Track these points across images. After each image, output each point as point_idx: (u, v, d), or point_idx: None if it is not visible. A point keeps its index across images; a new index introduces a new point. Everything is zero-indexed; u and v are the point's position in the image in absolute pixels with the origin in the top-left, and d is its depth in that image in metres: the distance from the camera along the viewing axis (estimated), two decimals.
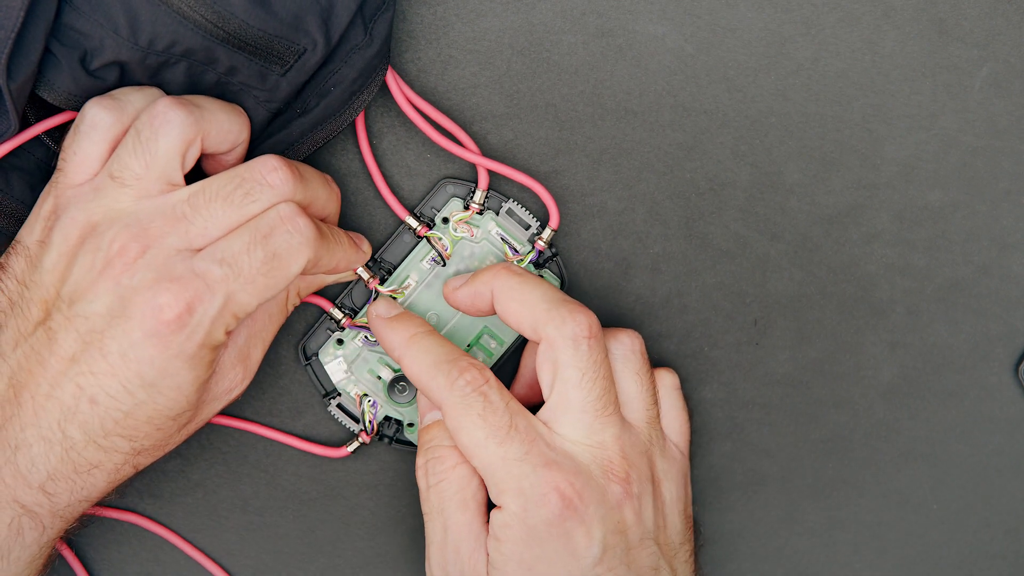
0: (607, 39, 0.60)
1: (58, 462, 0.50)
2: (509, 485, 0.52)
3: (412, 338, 0.55)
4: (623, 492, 0.53)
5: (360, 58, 0.55)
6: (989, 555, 0.65)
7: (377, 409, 0.61)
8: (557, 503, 0.52)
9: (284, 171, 0.51)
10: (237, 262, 0.50)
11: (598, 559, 0.52)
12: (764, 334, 0.63)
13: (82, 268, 0.50)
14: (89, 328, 0.49)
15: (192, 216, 0.50)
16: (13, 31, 0.50)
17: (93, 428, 0.50)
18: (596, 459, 0.53)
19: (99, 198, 0.50)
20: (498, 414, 0.52)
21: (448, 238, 0.60)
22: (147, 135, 0.50)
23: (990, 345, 0.63)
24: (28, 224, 0.52)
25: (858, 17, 0.61)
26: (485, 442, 0.52)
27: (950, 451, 0.64)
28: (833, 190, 0.62)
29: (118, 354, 0.49)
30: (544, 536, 0.52)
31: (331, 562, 0.63)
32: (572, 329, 0.53)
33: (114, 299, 0.49)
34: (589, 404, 0.53)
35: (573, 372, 0.53)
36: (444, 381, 0.53)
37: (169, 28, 0.51)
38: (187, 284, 0.49)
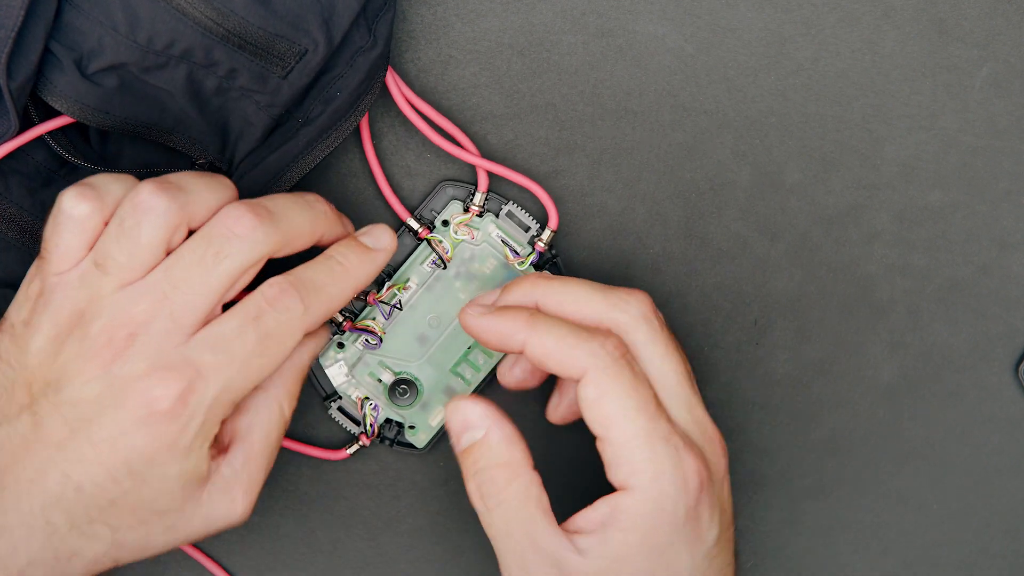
0: (607, 39, 0.60)
1: (39, 549, 0.49)
2: (648, 467, 0.49)
3: (533, 316, 0.52)
4: (726, 466, 0.52)
5: (365, 61, 0.55)
6: (989, 555, 0.65)
7: (378, 412, 0.61)
8: (695, 488, 0.50)
9: (248, 217, 0.50)
10: (229, 347, 0.49)
11: (716, 540, 0.51)
12: (764, 334, 0.63)
13: (69, 355, 0.49)
14: (77, 415, 0.48)
15: (173, 293, 0.49)
16: (13, 30, 0.50)
17: (77, 515, 0.49)
18: (703, 434, 0.52)
19: (84, 286, 0.49)
20: (644, 386, 0.50)
21: (448, 241, 0.60)
22: (130, 224, 0.49)
23: (990, 345, 0.63)
24: (16, 301, 0.51)
25: (858, 17, 0.61)
26: (635, 414, 0.50)
27: (950, 451, 0.64)
28: (833, 190, 0.62)
29: (107, 442, 0.48)
30: (678, 522, 0.50)
31: (331, 562, 0.63)
32: (637, 309, 0.52)
33: (104, 387, 0.48)
34: (682, 378, 0.51)
35: (658, 349, 0.51)
36: (592, 345, 0.50)
37: (168, 25, 0.51)
38: (181, 373, 0.48)
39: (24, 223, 0.54)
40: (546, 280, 0.54)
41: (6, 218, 0.54)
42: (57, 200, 0.50)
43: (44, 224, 0.50)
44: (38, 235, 0.55)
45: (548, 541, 0.51)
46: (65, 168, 0.55)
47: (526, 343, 0.51)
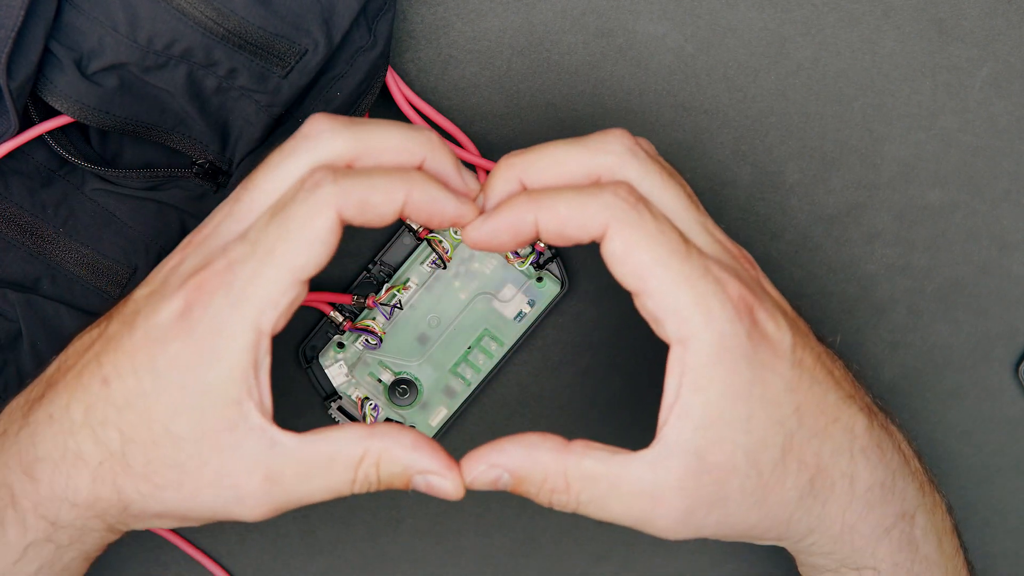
0: (607, 39, 0.60)
1: (50, 440, 0.47)
2: (697, 310, 0.45)
3: (531, 194, 0.47)
4: (758, 275, 0.50)
5: (365, 60, 0.55)
6: (989, 555, 0.65)
7: (378, 412, 0.61)
8: (747, 310, 0.46)
9: (320, 120, 0.46)
10: (258, 238, 0.45)
11: (793, 344, 0.48)
12: None
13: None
14: (132, 309, 0.47)
15: (241, 195, 0.46)
16: (13, 30, 0.50)
17: (95, 411, 0.46)
18: (728, 253, 0.49)
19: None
20: (668, 227, 0.46)
21: (448, 241, 0.60)
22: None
23: (990, 345, 0.63)
24: None
25: (858, 17, 0.61)
26: (668, 258, 0.45)
27: (950, 451, 0.64)
28: (833, 190, 0.62)
29: (141, 334, 0.45)
30: (748, 350, 0.46)
31: (331, 562, 0.63)
32: (617, 146, 0.47)
33: (160, 283, 0.47)
34: (684, 203, 0.48)
35: (655, 181, 0.48)
36: (605, 197, 0.46)
37: (168, 25, 0.51)
38: (214, 266, 0.45)
39: (24, 223, 0.54)
40: (519, 157, 0.48)
41: (6, 218, 0.54)
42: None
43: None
44: (38, 234, 0.55)
45: (639, 479, 0.46)
46: (65, 168, 0.55)
47: (538, 222, 0.46)
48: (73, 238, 0.55)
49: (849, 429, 0.49)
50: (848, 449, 0.49)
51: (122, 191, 0.56)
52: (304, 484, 0.47)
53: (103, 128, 0.53)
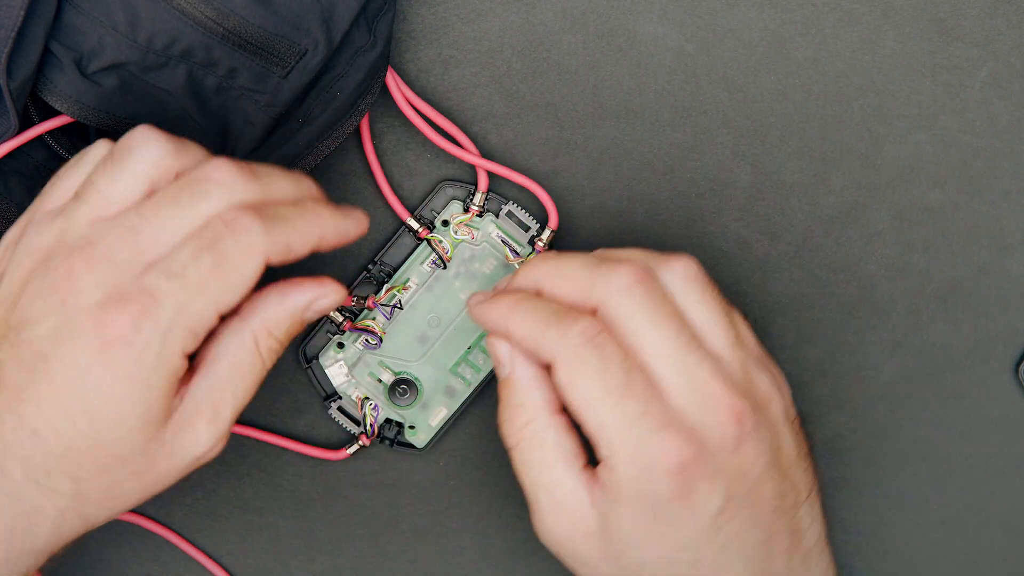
0: (607, 39, 0.60)
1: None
2: (625, 448, 0.49)
3: (517, 302, 0.52)
4: (739, 432, 0.50)
5: (365, 60, 0.55)
6: (989, 555, 0.65)
7: (378, 412, 0.61)
8: (674, 468, 0.49)
9: (228, 165, 0.48)
10: (184, 272, 0.46)
11: (719, 510, 0.50)
12: (764, 334, 0.63)
13: (31, 294, 0.47)
14: (34, 353, 0.46)
15: (141, 226, 0.47)
16: (13, 30, 0.50)
17: (34, 465, 0.46)
18: (705, 404, 0.50)
19: (56, 220, 0.48)
20: (614, 367, 0.49)
21: (448, 241, 0.60)
22: (120, 155, 0.48)
23: (990, 345, 0.63)
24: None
25: (858, 17, 0.61)
26: (602, 398, 0.49)
27: (950, 451, 0.64)
28: (833, 190, 0.62)
29: (63, 379, 0.46)
30: (663, 499, 0.49)
31: (331, 562, 0.63)
32: (618, 282, 0.50)
33: (60, 320, 0.46)
34: (675, 344, 0.49)
35: (642, 319, 0.49)
36: (556, 332, 0.49)
37: (168, 25, 0.51)
38: (135, 299, 0.46)
39: None
40: (544, 261, 0.52)
41: (5, 217, 0.54)
42: (93, 146, 0.49)
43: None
44: None
45: (561, 487, 0.51)
46: None
47: (507, 329, 0.51)
48: None
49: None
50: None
51: None
52: (233, 399, 0.50)
53: (103, 128, 0.53)
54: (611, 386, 0.49)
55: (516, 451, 0.52)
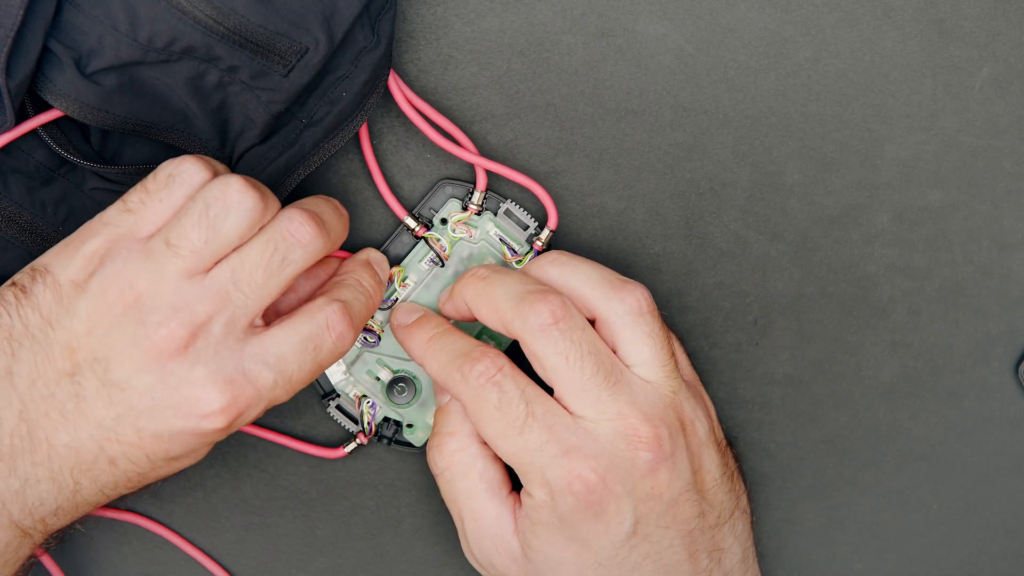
0: (607, 39, 0.60)
1: (64, 502, 0.51)
2: (534, 475, 0.52)
3: (430, 340, 0.56)
4: (653, 458, 0.52)
5: (369, 60, 0.55)
6: (989, 555, 0.65)
7: (376, 410, 0.61)
8: (581, 491, 0.52)
9: (311, 227, 0.51)
10: (287, 370, 0.51)
11: (632, 531, 0.53)
12: (764, 334, 0.63)
13: (123, 337, 0.49)
14: (125, 401, 0.49)
15: (235, 294, 0.50)
16: (13, 29, 0.50)
17: (105, 483, 0.51)
18: (618, 431, 0.52)
19: (148, 262, 0.49)
20: (513, 404, 0.52)
21: (446, 239, 0.60)
22: (216, 212, 0.50)
23: (990, 345, 0.63)
24: (62, 255, 0.51)
25: (858, 17, 0.61)
26: (505, 433, 0.52)
27: (950, 451, 0.64)
28: (833, 190, 0.62)
29: (152, 434, 0.50)
30: (574, 521, 0.53)
31: (331, 562, 0.63)
32: (535, 321, 0.52)
33: (158, 382, 0.49)
34: (587, 382, 0.52)
35: (557, 359, 0.52)
36: (458, 375, 0.53)
37: (169, 24, 0.51)
38: (239, 391, 0.50)
39: (24, 222, 0.54)
40: (472, 281, 0.56)
41: (6, 216, 0.54)
42: (174, 161, 0.51)
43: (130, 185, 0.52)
44: (38, 233, 0.55)
45: (490, 518, 0.55)
46: (65, 167, 0.55)
47: (422, 366, 0.56)
48: None
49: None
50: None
51: (121, 189, 0.56)
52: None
53: (103, 127, 0.53)
54: (511, 421, 0.52)
55: (443, 478, 0.56)
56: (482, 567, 0.57)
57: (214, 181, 0.50)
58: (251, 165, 0.56)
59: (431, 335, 0.56)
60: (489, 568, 0.56)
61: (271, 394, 0.51)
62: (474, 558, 0.57)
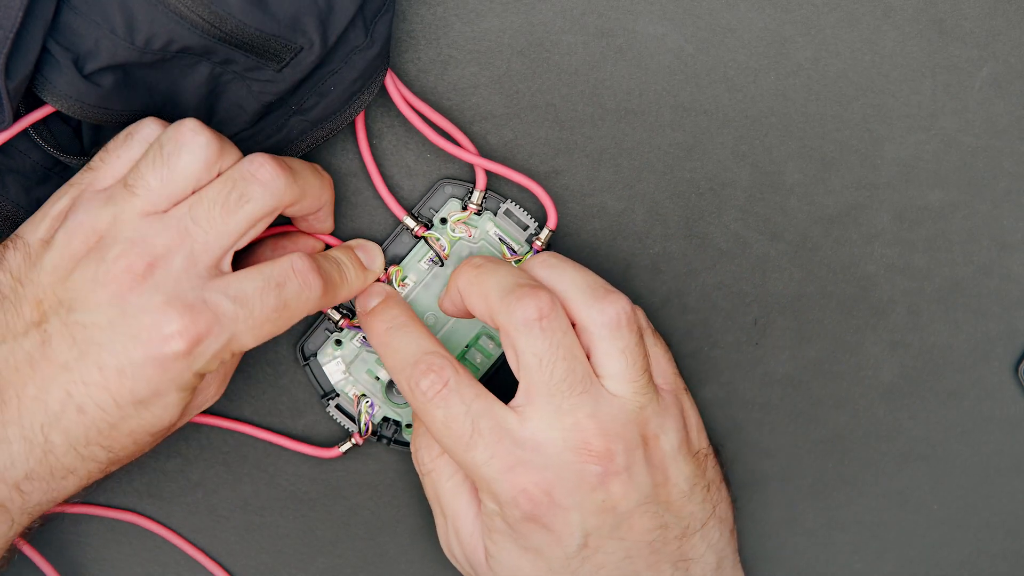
0: (607, 39, 0.60)
1: (36, 464, 0.50)
2: (483, 487, 0.53)
3: (385, 333, 0.56)
4: (603, 471, 0.52)
5: (361, 59, 0.55)
6: (989, 555, 0.65)
7: (374, 410, 0.61)
8: (526, 504, 0.52)
9: (271, 166, 0.51)
10: (249, 303, 0.51)
11: (583, 543, 0.53)
12: (764, 334, 0.63)
13: (84, 277, 0.49)
14: (87, 338, 0.49)
15: (194, 230, 0.50)
16: (12, 30, 0.49)
17: (76, 436, 0.50)
18: (569, 442, 0.52)
19: (108, 205, 0.50)
20: (458, 421, 0.52)
21: (446, 238, 0.60)
22: (169, 150, 0.50)
23: (990, 345, 0.63)
24: (33, 220, 0.52)
25: (858, 17, 0.61)
26: (453, 448, 0.53)
27: (950, 451, 0.64)
28: (833, 190, 0.62)
29: (115, 369, 0.49)
30: (523, 531, 0.53)
31: (331, 562, 0.63)
32: (521, 314, 0.52)
33: (118, 314, 0.49)
34: (554, 387, 0.52)
35: (531, 357, 0.52)
36: (407, 387, 0.54)
37: (166, 28, 0.51)
38: (198, 315, 0.49)
39: (20, 220, 0.54)
40: (466, 269, 0.55)
41: (2, 216, 0.54)
42: (133, 123, 0.52)
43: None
44: None
45: (468, 519, 0.56)
46: (59, 166, 0.55)
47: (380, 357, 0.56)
48: None
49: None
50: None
51: None
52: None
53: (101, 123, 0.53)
54: (457, 438, 0.53)
55: (429, 478, 0.57)
56: (459, 564, 0.58)
57: (169, 128, 0.51)
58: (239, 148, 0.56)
59: (388, 327, 0.56)
60: (466, 566, 0.57)
61: (232, 325, 0.50)
62: (452, 555, 0.58)
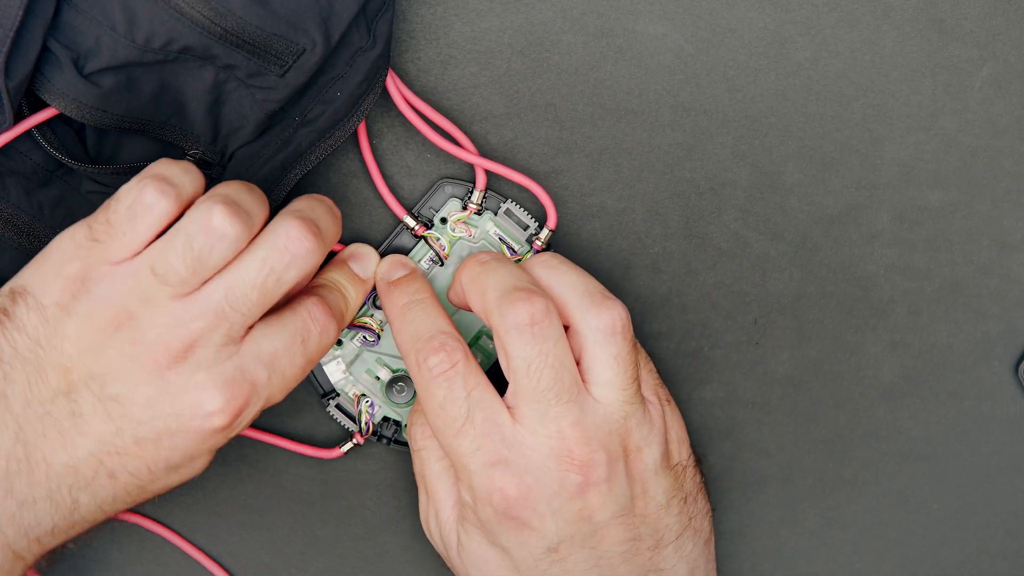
0: (607, 39, 0.60)
1: (61, 520, 0.50)
2: (462, 476, 0.53)
3: (403, 307, 0.56)
4: (583, 481, 0.52)
5: (365, 60, 0.55)
6: (989, 555, 0.65)
7: (374, 410, 0.61)
8: (500, 504, 0.52)
9: (306, 239, 0.51)
10: (280, 365, 0.52)
11: (553, 547, 0.53)
12: (764, 334, 0.63)
13: (119, 354, 0.49)
14: (124, 414, 0.50)
15: (231, 312, 0.50)
16: (12, 29, 0.49)
17: (104, 497, 0.51)
18: (553, 450, 0.52)
19: (137, 287, 0.50)
20: (456, 405, 0.52)
21: (446, 238, 0.60)
22: (201, 246, 0.49)
23: (990, 345, 0.63)
24: (40, 276, 0.51)
25: (858, 17, 0.61)
26: (443, 430, 0.53)
27: (950, 451, 0.64)
28: (833, 190, 0.62)
29: (152, 443, 0.50)
30: (494, 528, 0.53)
31: (331, 562, 0.63)
32: (513, 318, 0.52)
33: (157, 392, 0.50)
34: (540, 394, 0.52)
35: (520, 362, 0.52)
36: (414, 360, 0.53)
37: (167, 25, 0.51)
38: (238, 389, 0.50)
39: (21, 223, 0.54)
40: (471, 264, 0.55)
41: (3, 218, 0.54)
42: (133, 189, 0.50)
43: (102, 205, 0.51)
44: (35, 235, 0.55)
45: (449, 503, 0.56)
46: (62, 169, 0.55)
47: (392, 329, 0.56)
48: None
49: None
50: None
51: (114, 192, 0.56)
52: None
53: (100, 126, 0.53)
54: (449, 421, 0.53)
55: (419, 455, 0.57)
56: (435, 543, 0.58)
57: (194, 212, 0.50)
58: (244, 163, 0.56)
59: (406, 301, 0.56)
60: (440, 546, 0.57)
61: (267, 391, 0.51)
62: (429, 533, 0.58)
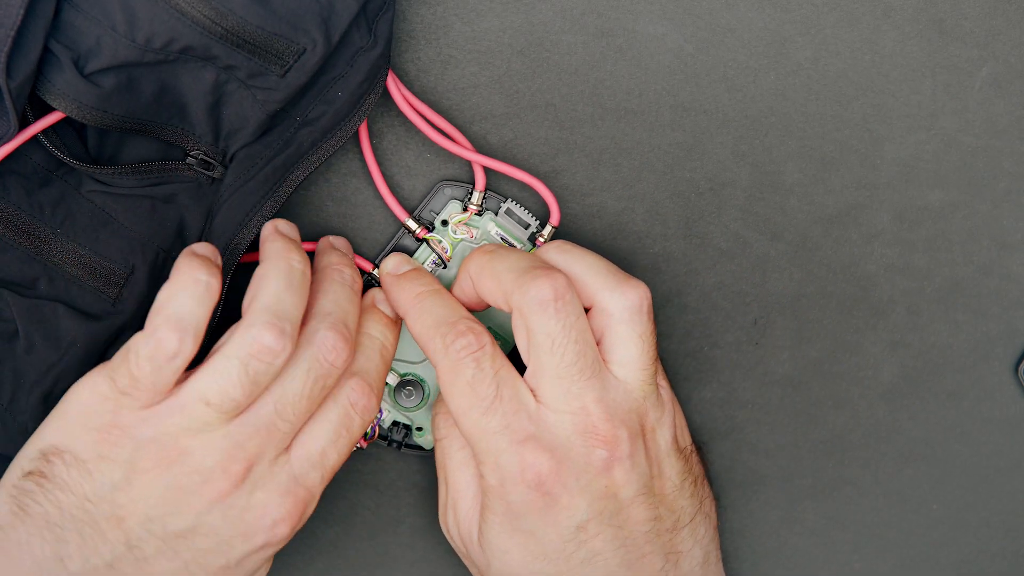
0: (607, 39, 0.60)
1: None
2: (488, 458, 0.53)
3: (418, 297, 0.55)
4: (608, 456, 0.53)
5: (365, 60, 0.55)
6: (989, 555, 0.65)
7: (382, 415, 0.61)
8: (533, 479, 0.52)
9: (344, 350, 0.52)
10: (329, 461, 0.53)
11: (582, 526, 0.53)
12: (764, 334, 0.63)
13: (175, 488, 0.50)
14: (189, 547, 0.50)
15: (283, 424, 0.51)
16: (13, 29, 0.49)
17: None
18: (578, 426, 0.52)
19: (186, 420, 0.50)
20: (485, 383, 0.52)
21: (448, 240, 0.60)
22: (257, 368, 0.50)
23: (990, 345, 0.63)
24: (72, 433, 0.50)
25: (858, 17, 0.61)
26: (469, 410, 0.53)
27: (950, 451, 0.64)
28: (833, 190, 0.62)
29: (222, 567, 0.51)
30: (522, 510, 0.53)
31: (331, 562, 0.63)
32: (536, 294, 0.52)
33: (221, 518, 0.50)
34: (564, 370, 0.52)
35: (543, 338, 0.52)
36: (440, 344, 0.53)
37: (167, 25, 0.51)
38: (297, 499, 0.52)
39: (22, 223, 0.54)
40: (478, 255, 0.56)
41: (4, 218, 0.54)
42: (151, 341, 0.49)
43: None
44: (36, 236, 0.54)
45: (470, 493, 0.56)
46: (63, 169, 0.55)
47: (404, 320, 0.56)
48: (70, 239, 0.55)
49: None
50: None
51: (119, 191, 0.56)
52: None
53: (100, 127, 0.53)
54: (478, 400, 0.52)
55: (440, 444, 0.57)
56: (452, 539, 0.58)
57: (244, 336, 0.50)
58: (246, 164, 0.55)
59: (420, 291, 0.56)
60: (458, 541, 0.57)
61: (320, 489, 0.53)
62: (447, 528, 0.58)
